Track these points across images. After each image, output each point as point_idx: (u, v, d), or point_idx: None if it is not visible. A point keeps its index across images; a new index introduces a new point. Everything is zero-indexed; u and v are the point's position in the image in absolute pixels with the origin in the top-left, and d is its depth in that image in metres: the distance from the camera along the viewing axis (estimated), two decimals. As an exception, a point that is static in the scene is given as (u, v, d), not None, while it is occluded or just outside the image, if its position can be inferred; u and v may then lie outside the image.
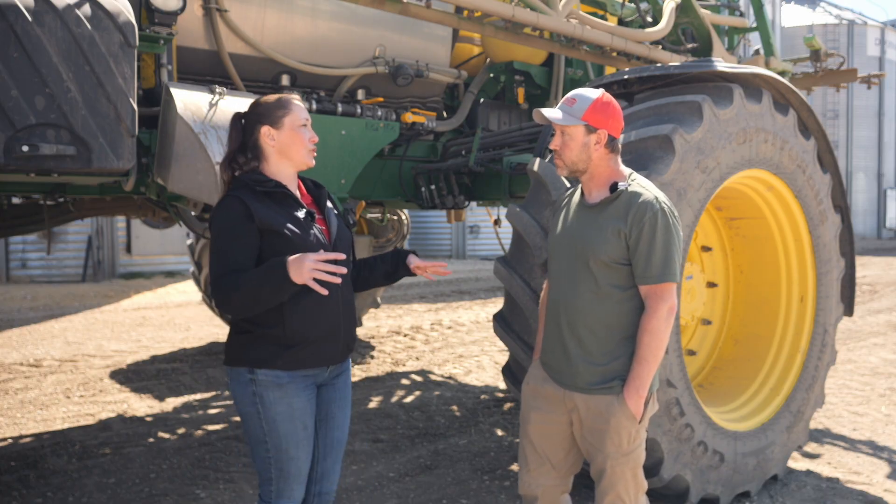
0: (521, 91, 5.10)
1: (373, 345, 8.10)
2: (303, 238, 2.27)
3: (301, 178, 2.49)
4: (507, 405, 5.65)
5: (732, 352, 4.29)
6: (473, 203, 5.21)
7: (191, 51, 3.64)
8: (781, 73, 5.97)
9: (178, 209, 4.37)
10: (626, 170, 2.53)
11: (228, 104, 3.12)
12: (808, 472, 4.27)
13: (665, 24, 4.89)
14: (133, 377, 6.51)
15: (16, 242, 12.93)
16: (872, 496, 3.95)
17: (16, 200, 5.02)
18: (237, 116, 2.40)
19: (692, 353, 4.23)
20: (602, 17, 5.25)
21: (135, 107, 2.74)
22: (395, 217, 7.05)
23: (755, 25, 6.14)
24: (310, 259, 2.11)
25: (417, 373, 6.78)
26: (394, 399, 5.83)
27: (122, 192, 3.66)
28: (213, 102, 3.08)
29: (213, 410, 5.47)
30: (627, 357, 2.43)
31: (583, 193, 2.56)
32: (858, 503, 3.86)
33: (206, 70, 3.73)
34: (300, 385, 2.34)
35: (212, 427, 5.06)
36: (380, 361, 7.27)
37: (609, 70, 5.30)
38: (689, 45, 5.36)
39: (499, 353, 7.64)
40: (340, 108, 4.07)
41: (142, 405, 5.61)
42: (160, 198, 3.64)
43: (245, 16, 3.77)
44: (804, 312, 4.16)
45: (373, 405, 5.63)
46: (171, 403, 5.67)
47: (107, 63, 2.65)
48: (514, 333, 3.46)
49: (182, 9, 3.24)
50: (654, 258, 2.36)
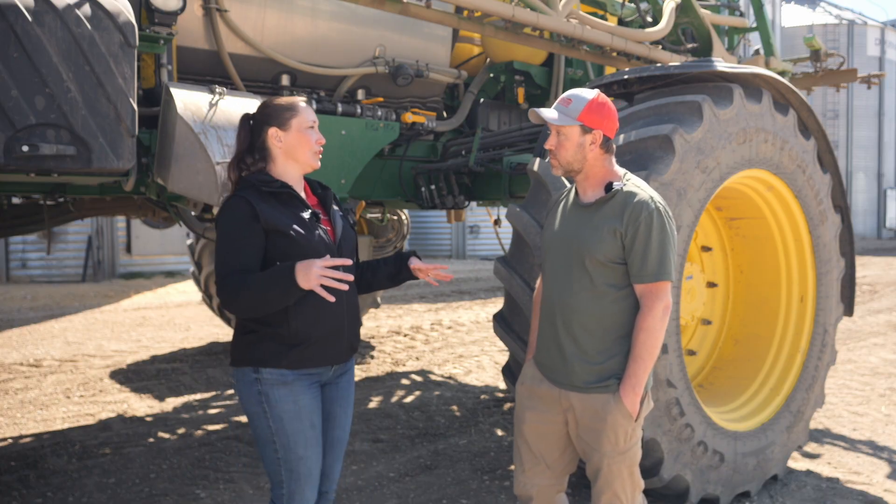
0: (521, 91, 5.10)
1: (373, 345, 8.10)
2: (307, 239, 2.28)
3: (307, 180, 2.51)
4: (507, 405, 5.65)
5: (732, 352, 4.29)
6: (473, 203, 5.21)
7: (191, 51, 3.64)
8: (781, 73, 5.97)
9: (178, 209, 4.36)
10: (621, 170, 2.55)
11: (228, 104, 3.12)
12: (808, 472, 4.27)
13: (665, 24, 4.89)
14: (133, 377, 6.51)
15: (16, 242, 12.93)
16: (872, 496, 3.95)
17: (16, 200, 5.02)
18: (246, 117, 2.42)
19: (692, 353, 4.23)
20: (602, 17, 5.25)
21: (135, 107, 2.74)
22: (395, 217, 7.04)
23: (755, 25, 6.14)
24: (317, 265, 2.12)
25: (417, 373, 6.78)
26: (394, 399, 5.83)
27: (122, 192, 3.66)
28: (213, 102, 3.08)
29: (213, 410, 5.47)
30: (623, 356, 2.43)
31: (577, 193, 2.57)
32: (858, 503, 3.86)
33: (206, 70, 3.73)
34: (305, 383, 2.35)
35: (212, 427, 5.06)
36: (380, 361, 7.27)
37: (609, 70, 5.30)
38: (689, 45, 5.36)
39: (499, 353, 7.64)
40: (340, 108, 4.07)
41: (142, 405, 5.61)
42: (160, 198, 3.63)
43: (245, 16, 3.76)
44: (804, 312, 4.16)
45: (373, 405, 5.63)
46: (171, 403, 5.67)
47: (107, 63, 2.65)
48: (514, 333, 3.46)
49: (182, 9, 3.24)
50: (650, 257, 2.37)
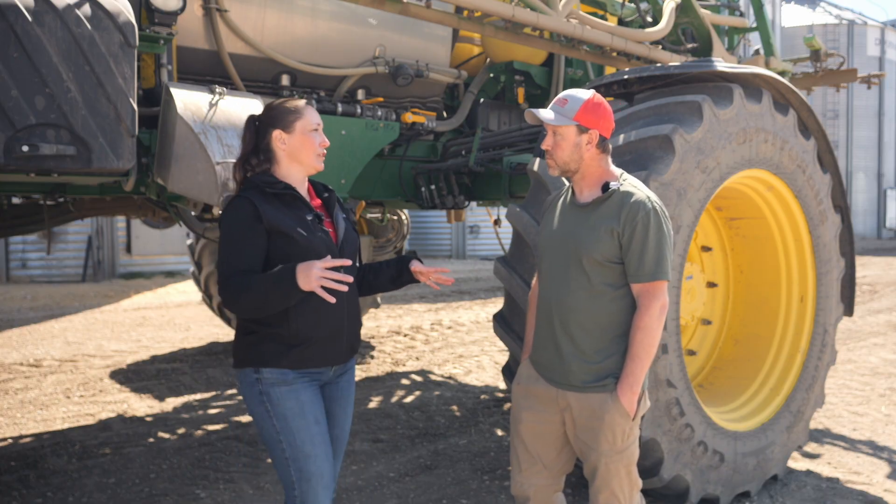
0: (521, 91, 5.10)
1: (373, 345, 8.10)
2: (309, 240, 2.29)
3: (312, 182, 2.53)
4: (507, 405, 5.65)
5: (732, 352, 4.29)
6: (473, 203, 5.21)
7: (191, 51, 3.64)
8: (781, 73, 5.96)
9: (178, 209, 4.36)
10: (617, 170, 2.56)
11: (228, 104, 3.12)
12: (808, 472, 4.27)
13: (665, 24, 4.89)
14: (133, 377, 6.51)
15: (16, 242, 12.93)
16: (872, 496, 3.95)
17: (16, 200, 5.01)
18: (251, 119, 2.44)
19: (692, 353, 4.23)
20: (602, 17, 5.25)
21: (135, 107, 2.74)
22: (395, 217, 7.04)
23: (755, 25, 6.14)
24: (317, 267, 2.13)
25: (417, 373, 6.78)
26: (394, 399, 5.83)
27: (122, 192, 3.66)
28: (213, 102, 3.08)
29: (213, 410, 5.47)
30: (620, 355, 2.44)
31: (573, 193, 2.57)
32: (858, 503, 3.86)
33: (206, 70, 3.73)
34: (306, 380, 2.36)
35: (212, 427, 5.06)
36: (380, 361, 7.27)
37: (609, 70, 5.30)
38: (689, 45, 5.36)
39: (499, 353, 7.64)
40: (340, 108, 4.07)
41: (142, 405, 5.61)
42: (160, 198, 3.63)
43: (245, 16, 3.76)
44: (804, 312, 4.16)
45: (373, 405, 5.63)
46: (171, 403, 5.67)
47: (107, 63, 2.65)
48: (514, 333, 3.46)
49: (182, 9, 3.24)
50: (647, 257, 2.38)
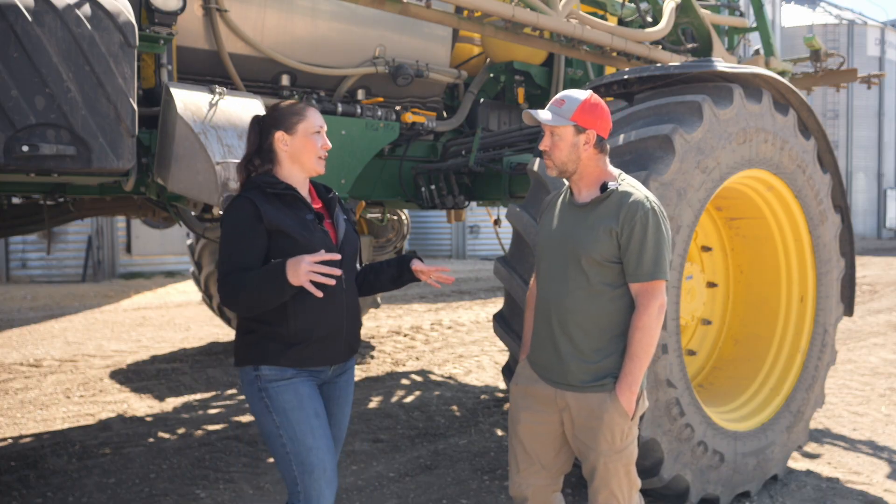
0: (521, 91, 5.10)
1: (373, 345, 8.10)
2: (309, 240, 2.31)
3: (313, 183, 2.55)
4: (507, 405, 5.64)
5: (732, 352, 4.29)
6: (473, 203, 5.21)
7: (191, 51, 3.64)
8: (781, 73, 5.96)
9: (178, 209, 4.36)
10: (615, 170, 2.56)
11: (228, 104, 3.12)
12: (808, 472, 4.27)
13: (665, 24, 4.89)
14: (133, 377, 6.51)
15: (16, 242, 12.93)
16: (872, 496, 3.95)
17: (16, 200, 5.02)
18: (255, 120, 2.45)
19: (692, 353, 4.23)
20: (602, 17, 5.25)
21: (135, 107, 2.74)
22: (395, 217, 7.04)
23: (755, 25, 6.14)
24: (306, 261, 2.15)
25: (417, 373, 6.78)
26: (394, 399, 5.83)
27: (122, 192, 3.66)
28: (213, 102, 3.08)
29: (213, 410, 5.47)
30: (619, 354, 2.44)
31: (572, 193, 2.58)
32: (858, 503, 3.86)
33: (206, 70, 3.73)
34: (305, 377, 2.37)
35: (212, 427, 5.06)
36: (380, 361, 7.27)
37: (609, 70, 5.30)
38: (689, 45, 5.36)
39: (499, 353, 7.64)
40: (340, 108, 4.07)
41: (142, 405, 5.61)
42: (160, 198, 3.63)
43: (245, 16, 3.76)
44: (804, 312, 4.16)
45: (373, 405, 5.63)
46: (171, 403, 5.67)
47: (107, 63, 2.65)
48: (514, 333, 3.46)
49: (182, 9, 3.24)
50: (645, 256, 2.39)
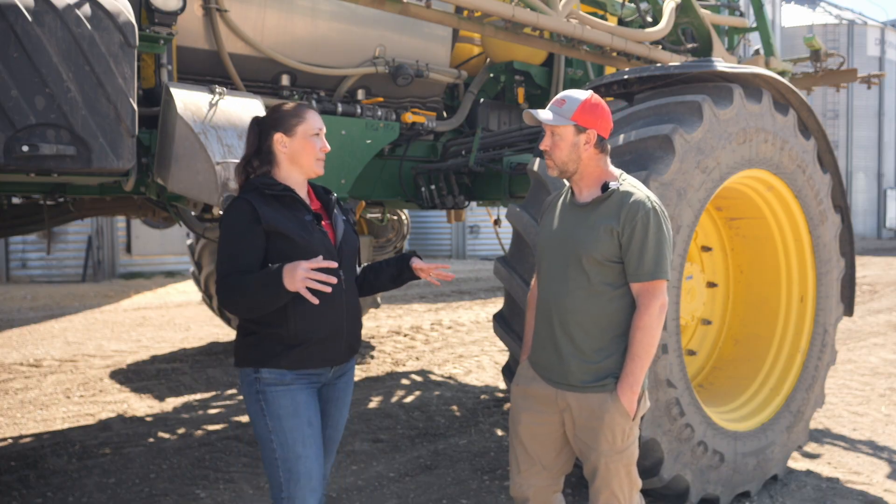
0: (521, 91, 5.10)
1: (373, 345, 8.10)
2: (307, 241, 2.32)
3: (311, 184, 2.55)
4: (507, 405, 5.65)
5: (732, 352, 4.29)
6: (473, 203, 5.21)
7: (191, 51, 3.64)
8: (781, 73, 5.96)
9: (178, 209, 4.36)
10: (616, 170, 2.56)
11: (228, 104, 3.12)
12: (808, 472, 4.27)
13: (665, 24, 4.89)
14: (133, 377, 6.51)
15: (16, 242, 12.92)
16: (872, 496, 3.95)
17: (16, 200, 5.02)
18: (255, 121, 2.46)
19: (692, 353, 4.23)
20: (602, 17, 5.25)
21: (135, 107, 2.74)
22: (395, 217, 7.04)
23: (755, 25, 6.14)
24: (302, 267, 2.15)
25: (417, 373, 6.78)
26: (394, 399, 5.83)
27: (122, 192, 3.66)
28: (213, 102, 3.08)
29: (213, 410, 5.47)
30: (620, 354, 2.44)
31: (573, 193, 2.58)
32: (858, 503, 3.86)
33: (206, 70, 3.73)
34: (304, 382, 2.37)
35: (212, 427, 5.06)
36: (380, 361, 7.27)
37: (609, 70, 5.30)
38: (689, 45, 5.36)
39: (499, 353, 7.64)
40: (340, 108, 4.07)
41: (142, 405, 5.61)
42: (160, 198, 3.64)
43: (245, 16, 3.76)
44: (804, 312, 4.16)
45: (373, 405, 5.63)
46: (171, 403, 5.67)
47: (107, 63, 2.65)
48: (514, 333, 3.46)
49: (182, 9, 3.24)
50: (646, 256, 2.39)
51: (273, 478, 2.36)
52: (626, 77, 3.76)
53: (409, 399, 5.83)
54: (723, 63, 3.61)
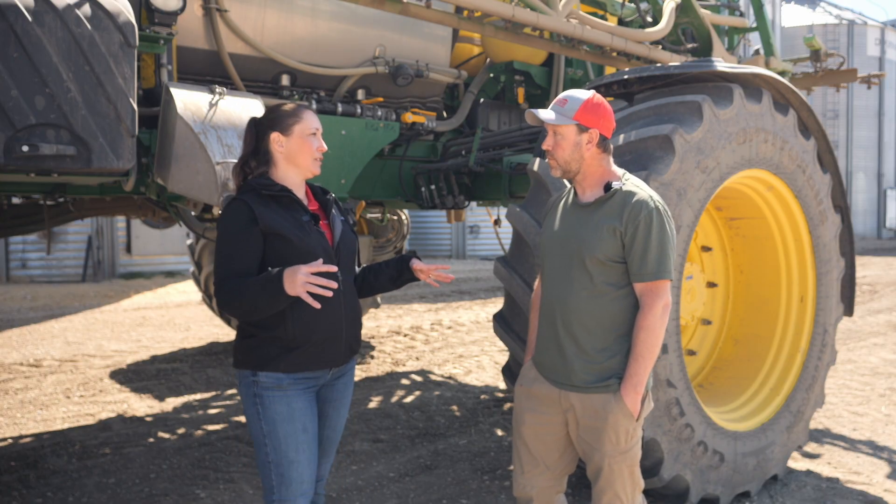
0: (521, 91, 5.10)
1: (373, 345, 8.10)
2: (304, 242, 2.31)
3: (310, 185, 2.55)
4: (507, 405, 5.65)
5: (732, 352, 4.29)
6: (473, 203, 5.21)
7: (191, 51, 3.64)
8: (781, 73, 5.96)
9: (178, 209, 4.37)
10: (619, 170, 2.56)
11: (228, 104, 3.12)
12: (808, 472, 4.27)
13: (665, 24, 4.89)
14: (133, 377, 6.51)
15: (16, 242, 12.92)
16: (872, 496, 3.95)
17: (16, 200, 5.02)
18: (251, 122, 2.46)
19: (692, 353, 4.23)
20: (602, 17, 5.25)
21: (135, 107, 2.74)
22: (395, 217, 7.04)
23: (755, 25, 6.14)
24: (302, 272, 2.14)
25: (417, 373, 6.78)
26: (394, 399, 5.83)
27: (122, 192, 3.66)
28: (213, 102, 3.08)
29: (213, 410, 5.47)
30: (623, 355, 2.44)
31: (575, 193, 2.58)
32: (858, 503, 3.86)
33: (206, 70, 3.73)
34: (301, 387, 2.37)
35: (212, 427, 5.06)
36: (380, 361, 7.27)
37: (609, 70, 5.30)
38: (689, 45, 5.36)
39: (499, 353, 7.64)
40: (340, 108, 4.08)
41: (142, 405, 5.61)
42: (160, 198, 3.64)
43: (245, 16, 3.76)
44: (804, 312, 4.16)
45: (373, 405, 5.63)
46: (171, 403, 5.67)
47: (107, 63, 2.65)
48: (514, 333, 3.46)
49: (182, 9, 3.24)
50: (649, 256, 2.38)
51: (266, 479, 2.38)
52: (626, 77, 3.76)
53: (409, 399, 5.83)
54: (723, 63, 3.61)
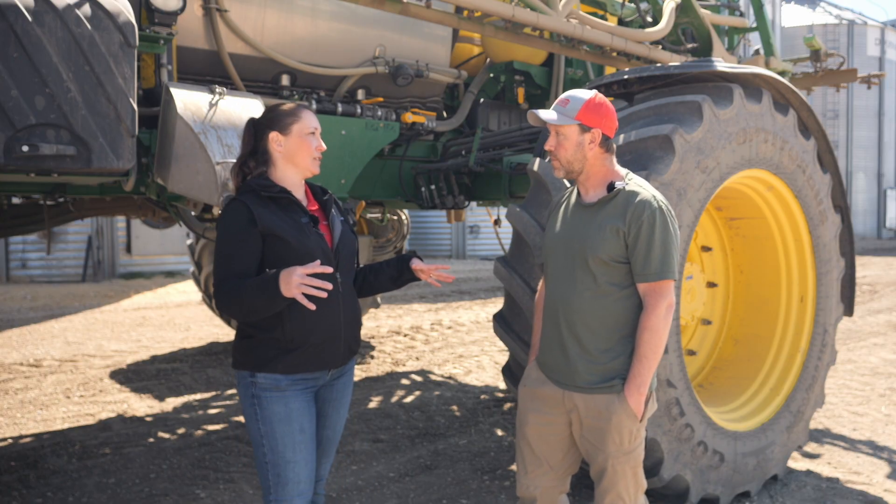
0: (521, 91, 5.10)
1: (373, 345, 8.10)
2: (303, 243, 2.31)
3: (309, 185, 2.54)
4: (507, 405, 5.65)
5: (732, 352, 4.29)
6: (473, 203, 5.21)
7: (191, 51, 3.64)
8: (781, 73, 5.96)
9: (178, 209, 4.36)
10: (622, 170, 2.56)
11: (228, 104, 3.12)
12: (808, 472, 4.27)
13: (665, 24, 4.89)
14: (133, 377, 6.51)
15: (16, 242, 12.93)
16: (872, 496, 3.95)
17: (16, 200, 5.02)
18: (250, 122, 2.45)
19: (692, 353, 4.23)
20: (602, 17, 5.25)
21: (135, 107, 2.74)
22: (395, 217, 7.04)
23: (755, 25, 6.14)
24: (297, 274, 2.13)
25: (417, 373, 6.78)
26: (394, 399, 5.83)
27: (122, 192, 3.66)
28: (213, 102, 3.08)
29: (213, 410, 5.47)
30: (627, 355, 2.43)
31: (578, 194, 2.57)
32: (858, 503, 3.86)
33: (206, 70, 3.73)
34: (299, 388, 2.37)
35: (212, 427, 5.06)
36: (380, 361, 7.27)
37: (609, 70, 5.30)
38: (689, 45, 5.36)
39: (499, 353, 7.64)
40: (340, 108, 4.07)
41: (142, 405, 5.61)
42: (160, 198, 3.64)
43: (245, 16, 3.76)
44: (804, 312, 4.16)
45: (373, 405, 5.63)
46: (171, 403, 5.67)
47: (107, 63, 2.65)
48: (514, 333, 3.46)
49: (182, 9, 3.24)
50: (653, 256, 2.38)
51: (263, 479, 2.38)
52: (626, 77, 3.76)
53: (409, 399, 5.83)
54: (723, 63, 3.61)
